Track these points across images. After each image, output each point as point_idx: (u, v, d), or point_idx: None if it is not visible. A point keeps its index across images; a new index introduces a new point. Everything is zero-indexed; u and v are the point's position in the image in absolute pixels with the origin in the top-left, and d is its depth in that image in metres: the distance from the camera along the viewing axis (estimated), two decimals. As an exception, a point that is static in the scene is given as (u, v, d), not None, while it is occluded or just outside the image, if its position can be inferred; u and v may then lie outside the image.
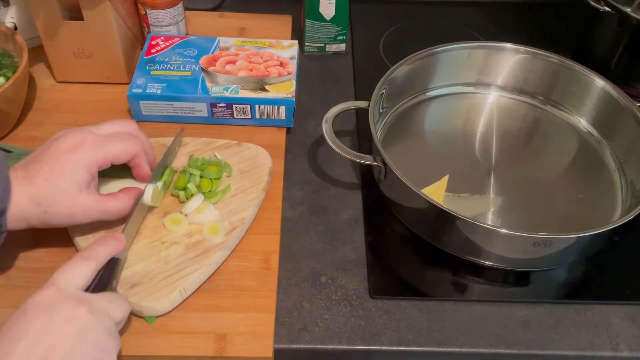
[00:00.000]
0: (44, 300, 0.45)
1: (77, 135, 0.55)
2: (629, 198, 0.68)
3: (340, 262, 0.63)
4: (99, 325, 0.46)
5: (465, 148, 0.74)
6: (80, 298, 0.47)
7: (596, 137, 0.76)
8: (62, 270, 0.48)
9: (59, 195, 0.53)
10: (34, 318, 0.44)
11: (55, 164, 0.53)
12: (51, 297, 0.46)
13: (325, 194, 0.70)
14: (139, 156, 0.58)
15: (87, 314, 0.45)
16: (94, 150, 0.54)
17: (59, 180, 0.53)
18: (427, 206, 0.59)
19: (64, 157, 0.53)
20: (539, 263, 0.61)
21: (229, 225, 0.61)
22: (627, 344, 0.58)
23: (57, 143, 0.54)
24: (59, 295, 0.46)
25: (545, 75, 0.78)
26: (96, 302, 0.47)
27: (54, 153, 0.54)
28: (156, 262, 0.58)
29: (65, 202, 0.53)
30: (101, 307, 0.47)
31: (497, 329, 0.58)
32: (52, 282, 0.47)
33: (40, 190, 0.52)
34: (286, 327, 0.57)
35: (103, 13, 0.71)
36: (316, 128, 0.77)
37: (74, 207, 0.54)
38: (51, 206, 0.53)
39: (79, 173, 0.53)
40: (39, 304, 0.45)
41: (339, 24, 0.85)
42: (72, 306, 0.45)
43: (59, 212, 0.54)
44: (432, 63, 0.77)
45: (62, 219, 0.55)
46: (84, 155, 0.54)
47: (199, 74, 0.74)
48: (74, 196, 0.53)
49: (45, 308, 0.45)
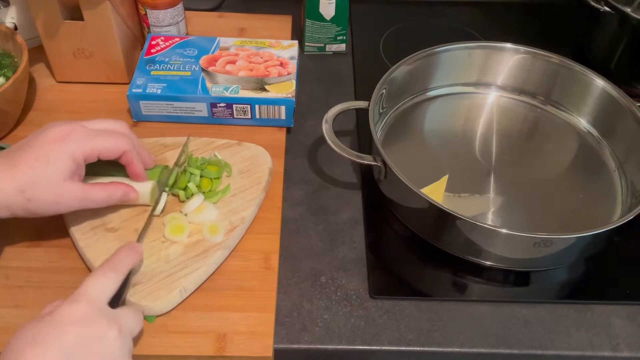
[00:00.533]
0: (78, 315, 0.45)
1: (66, 127, 0.55)
2: (629, 198, 0.68)
3: (340, 262, 0.63)
4: (125, 347, 0.47)
5: (465, 148, 0.74)
6: (111, 316, 0.47)
7: (596, 137, 0.76)
8: (92, 282, 0.48)
9: (44, 183, 0.53)
10: (68, 333, 0.44)
11: (41, 152, 0.53)
12: (84, 312, 0.46)
13: (325, 194, 0.70)
14: (129, 154, 0.58)
15: (117, 335, 0.46)
16: (82, 141, 0.54)
17: (44, 168, 0.53)
18: (427, 206, 0.59)
19: (51, 146, 0.53)
20: (539, 263, 0.61)
21: (229, 224, 0.61)
22: (627, 344, 0.58)
23: (45, 132, 0.54)
24: (91, 312, 0.46)
25: (545, 75, 0.78)
26: (123, 322, 0.48)
27: (41, 142, 0.54)
28: (156, 262, 0.58)
29: (50, 190, 0.53)
30: (127, 326, 0.48)
31: (497, 329, 0.58)
32: (83, 295, 0.47)
33: (24, 178, 0.52)
34: (286, 327, 0.57)
35: (103, 13, 0.71)
36: (316, 128, 0.77)
37: (58, 195, 0.54)
38: (35, 194, 0.53)
39: (64, 162, 0.53)
40: (73, 319, 0.45)
41: (339, 24, 0.85)
42: (105, 325, 0.46)
43: (43, 200, 0.53)
44: (432, 63, 0.77)
45: (47, 207, 0.54)
46: (70, 145, 0.54)
47: (199, 74, 0.74)
48: (58, 184, 0.53)
49: (78, 323, 0.45)
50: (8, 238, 0.61)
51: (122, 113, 0.76)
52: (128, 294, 0.55)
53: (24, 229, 0.61)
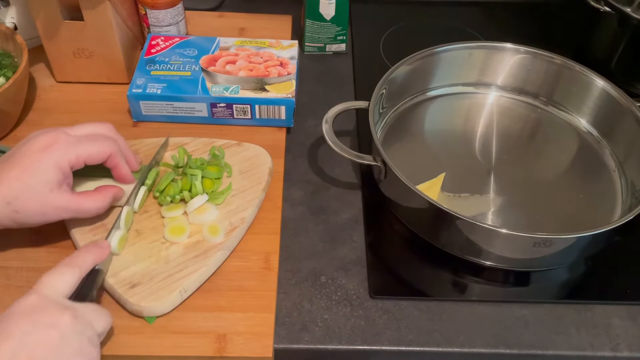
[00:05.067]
0: (28, 305, 0.45)
1: (49, 135, 0.55)
2: (629, 198, 0.68)
3: (340, 262, 0.63)
4: (82, 333, 0.46)
5: (465, 148, 0.74)
6: (64, 305, 0.47)
7: (596, 137, 0.76)
8: (46, 278, 0.48)
9: (30, 194, 0.53)
10: (17, 322, 0.44)
11: (26, 163, 0.53)
12: (35, 303, 0.46)
13: (325, 194, 0.70)
14: (115, 157, 0.58)
15: (71, 321, 0.45)
16: (66, 149, 0.54)
17: (30, 179, 0.53)
18: (427, 206, 0.59)
19: (36, 156, 0.53)
20: (539, 263, 0.61)
21: (229, 225, 0.61)
22: (627, 344, 0.58)
23: (29, 143, 0.54)
24: (42, 302, 0.46)
25: (546, 75, 0.78)
26: (80, 310, 0.47)
27: (25, 153, 0.54)
28: (156, 262, 0.58)
29: (37, 200, 0.53)
30: (85, 315, 0.47)
31: (497, 329, 0.58)
32: (35, 289, 0.47)
33: (11, 190, 0.52)
34: (286, 327, 0.57)
35: (103, 13, 0.71)
36: (316, 128, 0.77)
37: (45, 205, 0.54)
38: (22, 205, 0.53)
39: (50, 172, 0.53)
40: (22, 309, 0.45)
41: (339, 24, 0.85)
42: (56, 312, 0.45)
43: (30, 211, 0.54)
44: (432, 63, 0.77)
45: (34, 218, 0.54)
46: (55, 154, 0.54)
47: (199, 74, 0.74)
48: (45, 195, 0.53)
49: (29, 313, 0.45)
50: (8, 238, 0.61)
51: (122, 113, 0.76)
52: (127, 295, 0.55)
53: (24, 230, 0.61)
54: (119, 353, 0.54)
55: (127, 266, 0.57)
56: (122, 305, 0.56)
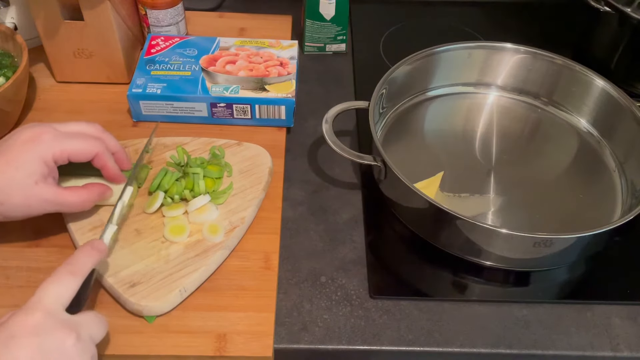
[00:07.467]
0: (32, 326, 0.44)
1: (36, 129, 0.55)
2: (629, 198, 0.68)
3: (340, 262, 0.63)
4: (85, 354, 0.46)
5: (465, 148, 0.74)
6: (68, 324, 0.45)
7: (596, 137, 0.76)
8: (47, 288, 0.47)
9: (14, 187, 0.53)
10: (24, 347, 0.43)
11: (11, 155, 0.53)
12: (39, 322, 0.44)
13: (325, 194, 0.70)
14: (102, 157, 0.58)
15: (75, 342, 0.45)
16: (52, 143, 0.54)
17: (14, 171, 0.53)
18: (427, 206, 0.59)
19: (21, 149, 0.53)
20: (539, 263, 0.61)
21: (229, 224, 0.61)
22: (627, 344, 0.58)
23: (15, 136, 0.55)
24: (47, 322, 0.45)
25: (546, 75, 0.78)
26: (82, 328, 0.46)
27: (11, 145, 0.54)
28: (156, 262, 0.58)
29: (21, 193, 0.53)
30: (87, 332, 0.47)
31: (497, 329, 0.58)
32: (37, 303, 0.46)
33: None
34: (286, 327, 0.57)
35: (103, 13, 0.71)
36: (316, 128, 0.77)
37: (29, 197, 0.54)
38: (7, 198, 0.53)
39: (34, 164, 0.53)
40: (27, 330, 0.44)
41: (339, 24, 0.85)
42: (62, 335, 0.45)
43: (15, 203, 0.54)
44: (432, 63, 0.77)
45: (19, 210, 0.54)
46: (41, 147, 0.54)
47: (199, 74, 0.74)
48: (29, 187, 0.53)
49: (33, 335, 0.44)
50: (8, 238, 0.61)
51: (122, 113, 0.76)
52: (127, 294, 0.55)
53: (23, 229, 0.61)
54: (118, 353, 0.54)
55: (127, 265, 0.57)
56: (122, 304, 0.56)
